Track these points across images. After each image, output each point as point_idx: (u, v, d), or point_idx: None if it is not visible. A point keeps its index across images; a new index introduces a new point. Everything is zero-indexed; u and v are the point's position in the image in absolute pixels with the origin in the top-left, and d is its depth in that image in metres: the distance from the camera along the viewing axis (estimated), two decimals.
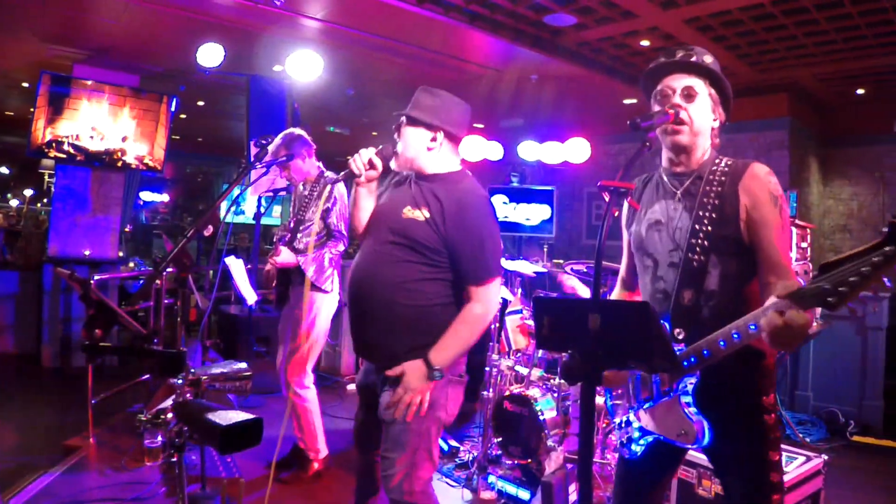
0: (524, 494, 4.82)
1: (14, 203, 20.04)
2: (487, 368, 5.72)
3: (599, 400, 5.09)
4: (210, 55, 7.76)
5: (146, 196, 18.74)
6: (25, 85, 10.66)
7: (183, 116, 12.22)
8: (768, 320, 1.99)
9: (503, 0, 7.22)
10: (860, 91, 10.36)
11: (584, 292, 6.01)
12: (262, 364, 7.70)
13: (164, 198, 19.67)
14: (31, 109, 8.52)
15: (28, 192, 18.74)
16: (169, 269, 3.94)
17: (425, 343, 2.99)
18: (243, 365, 3.60)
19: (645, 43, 8.41)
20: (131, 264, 10.60)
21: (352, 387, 7.64)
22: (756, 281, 2.45)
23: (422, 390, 2.96)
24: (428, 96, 3.16)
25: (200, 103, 12.13)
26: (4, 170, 20.33)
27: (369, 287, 3.07)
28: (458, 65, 9.06)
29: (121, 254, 9.97)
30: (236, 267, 6.57)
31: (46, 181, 17.82)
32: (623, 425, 2.78)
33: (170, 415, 3.00)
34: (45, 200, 18.41)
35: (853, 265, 1.81)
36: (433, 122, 3.11)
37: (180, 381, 2.99)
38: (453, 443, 5.86)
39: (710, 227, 2.44)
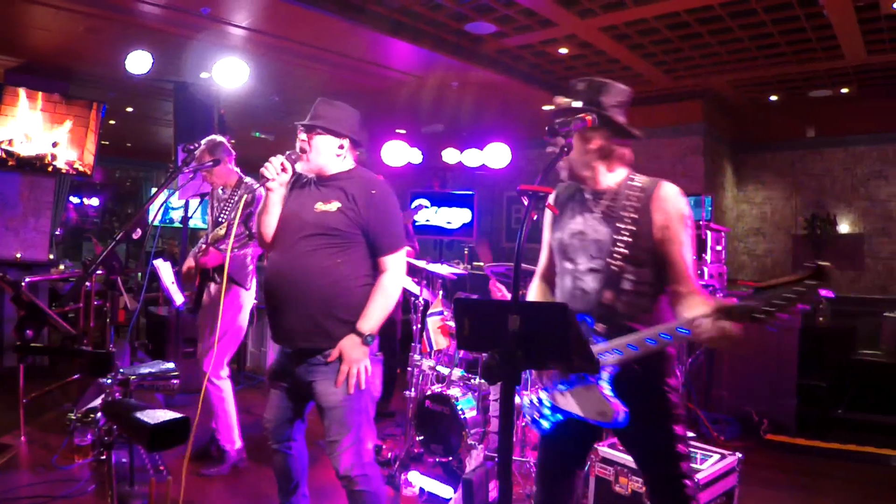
0: (445, 492, 4.88)
1: None
2: (410, 368, 5.87)
3: (519, 400, 5.35)
4: (138, 62, 7.77)
5: (76, 200, 18.57)
6: None
7: (112, 122, 12.11)
8: (712, 327, 2.43)
9: (424, 9, 7.35)
10: (773, 98, 10.63)
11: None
12: (190, 364, 7.69)
13: (94, 202, 19.46)
14: None
15: None
16: (98, 272, 4.09)
17: (346, 319, 3.35)
18: (171, 365, 3.76)
19: (563, 51, 8.61)
20: (62, 267, 10.62)
21: None
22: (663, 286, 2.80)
23: (362, 358, 3.33)
24: (330, 107, 3.54)
25: (129, 109, 12.09)
26: None
27: (288, 279, 3.38)
28: (380, 72, 9.20)
29: (51, 256, 9.92)
30: (164, 269, 6.68)
31: None
32: (533, 404, 3.03)
33: (99, 414, 3.14)
34: None
35: (780, 291, 2.27)
36: (342, 131, 3.50)
37: (109, 381, 3.12)
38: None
39: (629, 239, 2.74)
